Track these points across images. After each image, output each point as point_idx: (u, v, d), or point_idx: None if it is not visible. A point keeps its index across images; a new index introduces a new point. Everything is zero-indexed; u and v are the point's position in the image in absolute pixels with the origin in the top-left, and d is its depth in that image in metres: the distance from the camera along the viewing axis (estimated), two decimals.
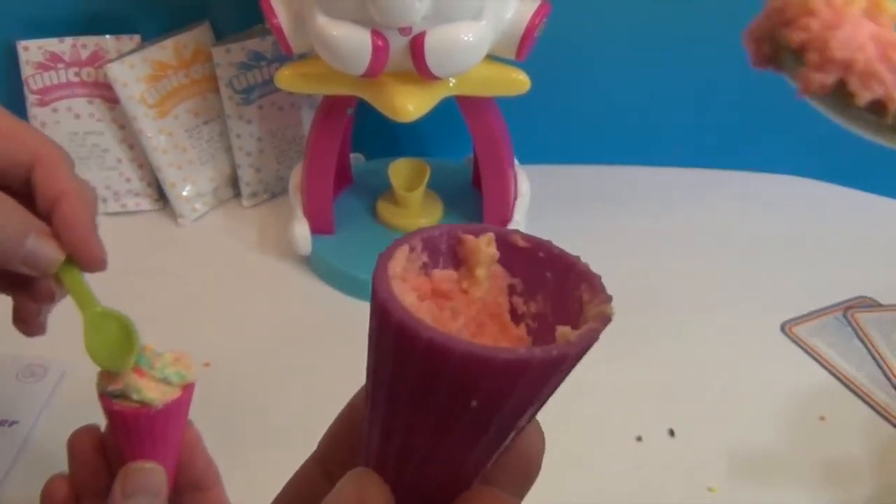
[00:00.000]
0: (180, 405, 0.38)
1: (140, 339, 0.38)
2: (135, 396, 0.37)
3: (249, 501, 0.54)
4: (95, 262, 0.39)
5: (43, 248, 0.37)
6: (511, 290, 0.19)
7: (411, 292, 0.17)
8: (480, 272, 0.18)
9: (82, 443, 0.39)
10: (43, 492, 0.39)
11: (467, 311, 0.17)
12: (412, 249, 0.17)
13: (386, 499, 0.21)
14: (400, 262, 0.16)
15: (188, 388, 0.38)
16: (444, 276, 0.17)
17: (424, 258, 0.17)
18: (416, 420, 0.17)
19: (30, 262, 0.37)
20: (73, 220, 0.38)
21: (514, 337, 0.19)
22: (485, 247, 0.18)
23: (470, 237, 0.18)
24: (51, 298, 0.42)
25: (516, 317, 0.19)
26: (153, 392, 0.37)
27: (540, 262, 0.19)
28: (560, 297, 0.19)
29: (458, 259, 0.17)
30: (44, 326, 0.44)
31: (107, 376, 0.38)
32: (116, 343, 0.38)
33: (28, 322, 0.43)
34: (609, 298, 0.19)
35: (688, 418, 0.60)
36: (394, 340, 0.16)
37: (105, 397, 0.37)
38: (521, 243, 0.19)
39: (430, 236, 0.17)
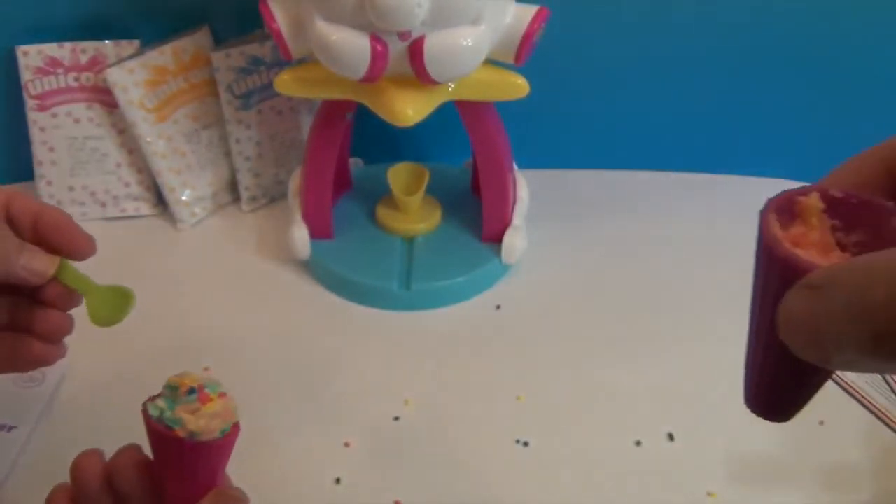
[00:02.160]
0: (228, 442, 0.40)
1: (134, 295, 0.46)
2: (188, 426, 0.38)
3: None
4: (87, 248, 0.46)
5: (36, 259, 0.44)
6: (834, 227, 0.26)
7: (785, 240, 0.25)
8: (813, 220, 0.25)
9: (86, 470, 0.40)
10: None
11: (811, 247, 0.25)
12: (776, 212, 0.25)
13: None
14: (772, 222, 0.25)
15: (235, 427, 0.40)
16: (794, 232, 0.25)
17: (780, 217, 0.25)
18: (768, 307, 0.25)
19: (28, 269, 0.44)
20: (55, 223, 0.45)
21: (839, 258, 0.26)
22: (814, 202, 0.26)
23: (802, 198, 0.26)
24: (68, 299, 0.47)
25: (843, 247, 0.26)
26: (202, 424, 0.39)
27: (854, 206, 0.25)
28: (877, 228, 0.26)
29: (795, 213, 0.26)
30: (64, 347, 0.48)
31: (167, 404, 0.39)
32: (115, 304, 0.46)
33: (51, 340, 0.47)
34: None
35: (687, 423, 0.59)
36: (777, 264, 0.24)
37: (156, 424, 0.38)
38: (838, 195, 0.26)
39: (778, 204, 0.25)
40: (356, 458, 0.57)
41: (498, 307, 0.70)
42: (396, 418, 0.60)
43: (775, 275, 0.24)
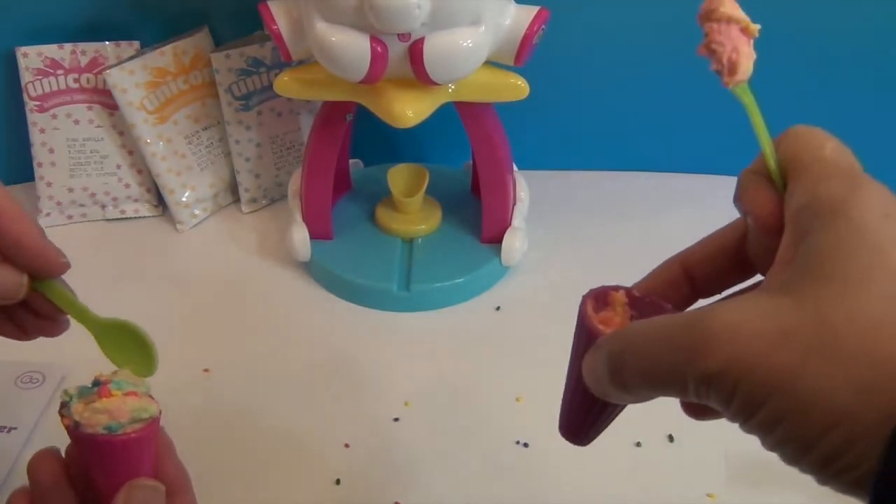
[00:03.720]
0: (150, 430, 0.39)
1: (151, 339, 0.41)
2: (105, 422, 0.37)
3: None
4: (56, 266, 0.40)
5: (2, 276, 0.38)
6: (632, 317, 0.34)
7: (594, 318, 0.33)
8: (619, 309, 0.34)
9: (42, 469, 0.40)
10: None
11: (615, 327, 0.33)
12: (594, 299, 0.34)
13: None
14: (590, 306, 0.34)
15: (155, 419, 0.39)
16: (603, 315, 0.34)
17: (595, 304, 0.34)
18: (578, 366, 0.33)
19: None
20: (19, 234, 0.38)
21: None
22: (620, 297, 0.34)
23: (613, 293, 0.34)
24: (53, 318, 0.43)
25: None
26: (123, 418, 0.38)
27: (646, 303, 0.34)
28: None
29: (607, 302, 0.34)
30: (64, 322, 0.44)
31: (76, 405, 0.38)
32: (133, 348, 0.41)
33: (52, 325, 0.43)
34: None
35: (687, 424, 0.59)
36: (584, 334, 0.33)
37: (72, 427, 0.38)
38: (636, 294, 0.34)
39: (596, 294, 0.34)
40: (356, 459, 0.57)
41: (498, 308, 0.70)
42: (396, 419, 0.60)
43: (584, 339, 0.32)
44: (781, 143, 0.32)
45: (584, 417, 0.35)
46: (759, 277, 0.33)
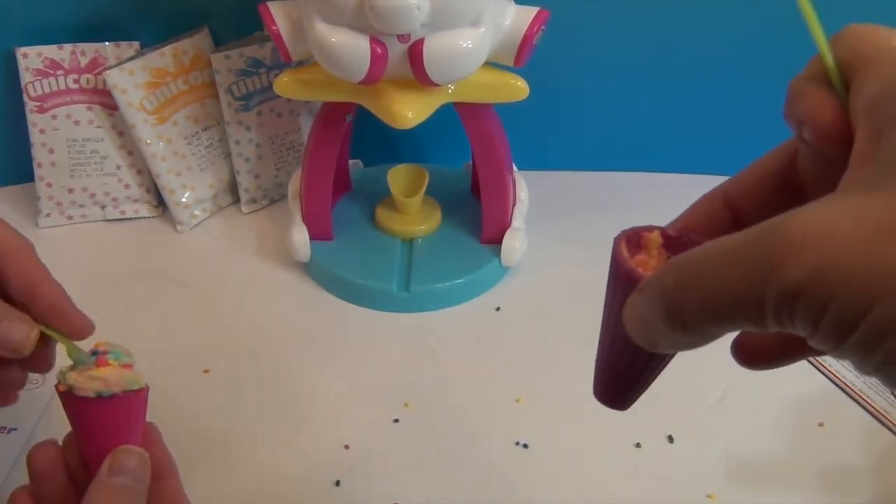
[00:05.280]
0: (138, 399, 0.41)
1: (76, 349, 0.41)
2: (95, 385, 0.39)
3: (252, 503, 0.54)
4: (85, 329, 0.42)
5: (15, 330, 0.40)
6: (668, 259, 0.30)
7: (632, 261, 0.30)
8: (654, 252, 0.31)
9: (40, 459, 0.41)
10: None
11: (649, 271, 0.30)
12: (626, 242, 0.31)
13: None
14: (623, 248, 0.30)
15: (143, 389, 0.41)
16: (637, 259, 0.30)
17: (629, 246, 0.31)
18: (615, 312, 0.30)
19: (4, 344, 0.39)
20: (56, 301, 0.41)
21: None
22: (655, 238, 0.31)
23: (647, 234, 0.31)
24: (48, 367, 0.44)
25: None
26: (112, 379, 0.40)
27: (684, 243, 0.30)
28: None
29: (641, 245, 0.31)
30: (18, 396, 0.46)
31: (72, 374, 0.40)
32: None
33: (6, 392, 0.45)
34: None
35: (687, 425, 0.60)
36: (623, 280, 0.30)
37: (67, 394, 0.40)
38: (672, 234, 0.31)
39: (628, 236, 0.31)
40: (356, 460, 0.57)
41: (498, 309, 0.70)
42: (396, 420, 0.60)
43: (621, 285, 0.30)
44: (837, 42, 0.28)
45: (624, 377, 0.32)
46: None
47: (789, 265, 0.22)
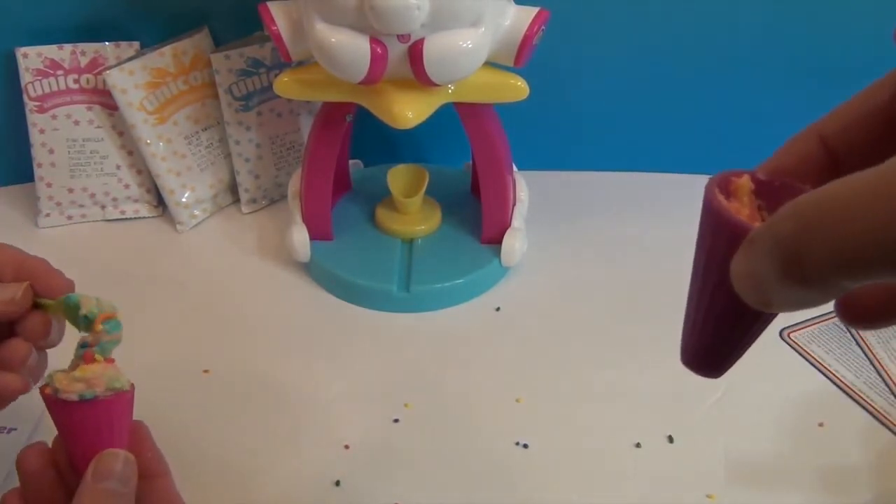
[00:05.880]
0: (122, 400, 0.40)
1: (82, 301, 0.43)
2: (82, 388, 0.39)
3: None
4: (62, 285, 0.44)
5: (5, 290, 0.43)
6: (760, 206, 0.29)
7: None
8: (745, 199, 0.29)
9: (30, 461, 0.41)
10: None
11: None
12: (717, 187, 0.28)
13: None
14: (719, 196, 0.28)
15: (128, 391, 0.41)
16: (731, 206, 0.28)
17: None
18: (712, 264, 0.28)
19: None
20: (33, 268, 0.44)
21: None
22: (745, 183, 0.29)
23: (736, 179, 0.29)
24: (46, 334, 0.45)
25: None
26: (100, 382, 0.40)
27: (776, 188, 0.28)
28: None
29: (730, 192, 0.29)
30: (27, 383, 0.46)
31: (60, 379, 0.40)
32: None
33: (12, 368, 0.45)
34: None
35: (687, 425, 0.59)
36: (724, 233, 0.27)
37: (51, 396, 0.40)
38: (763, 178, 0.29)
39: (718, 182, 0.29)
40: (356, 461, 0.57)
41: (498, 309, 0.70)
42: (396, 420, 0.60)
43: (723, 239, 0.27)
44: None
45: (725, 341, 0.30)
46: None
47: None
